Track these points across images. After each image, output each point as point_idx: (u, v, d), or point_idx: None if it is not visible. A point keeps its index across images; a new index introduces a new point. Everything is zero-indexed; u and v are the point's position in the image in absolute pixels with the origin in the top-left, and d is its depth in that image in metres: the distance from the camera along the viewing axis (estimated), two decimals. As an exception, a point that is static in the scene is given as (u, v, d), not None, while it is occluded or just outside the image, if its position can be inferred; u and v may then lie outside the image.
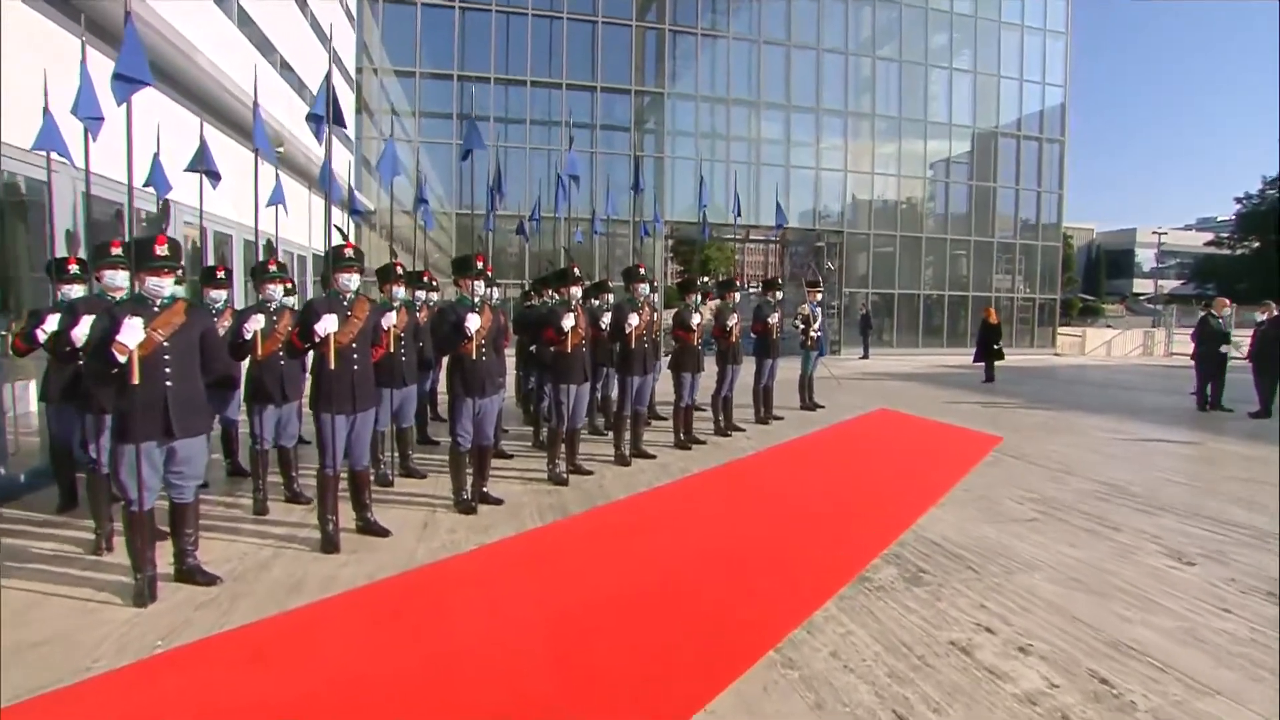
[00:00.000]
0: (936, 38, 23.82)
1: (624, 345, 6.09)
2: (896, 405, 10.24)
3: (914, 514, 4.81)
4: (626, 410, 6.21)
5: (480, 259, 4.65)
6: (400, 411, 5.57)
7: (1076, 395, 12.14)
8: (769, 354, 8.37)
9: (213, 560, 3.74)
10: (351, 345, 4.00)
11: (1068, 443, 7.49)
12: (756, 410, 8.50)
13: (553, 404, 5.52)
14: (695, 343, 6.87)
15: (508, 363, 6.34)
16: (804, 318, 9.46)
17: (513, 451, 6.60)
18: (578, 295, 5.47)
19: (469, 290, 4.63)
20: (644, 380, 6.27)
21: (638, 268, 6.07)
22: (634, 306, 6.03)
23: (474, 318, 4.46)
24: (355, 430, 4.09)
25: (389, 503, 4.92)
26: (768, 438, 7.59)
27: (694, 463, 6.32)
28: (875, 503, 5.16)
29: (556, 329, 5.26)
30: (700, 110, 22.32)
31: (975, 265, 24.26)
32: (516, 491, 5.29)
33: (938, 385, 13.40)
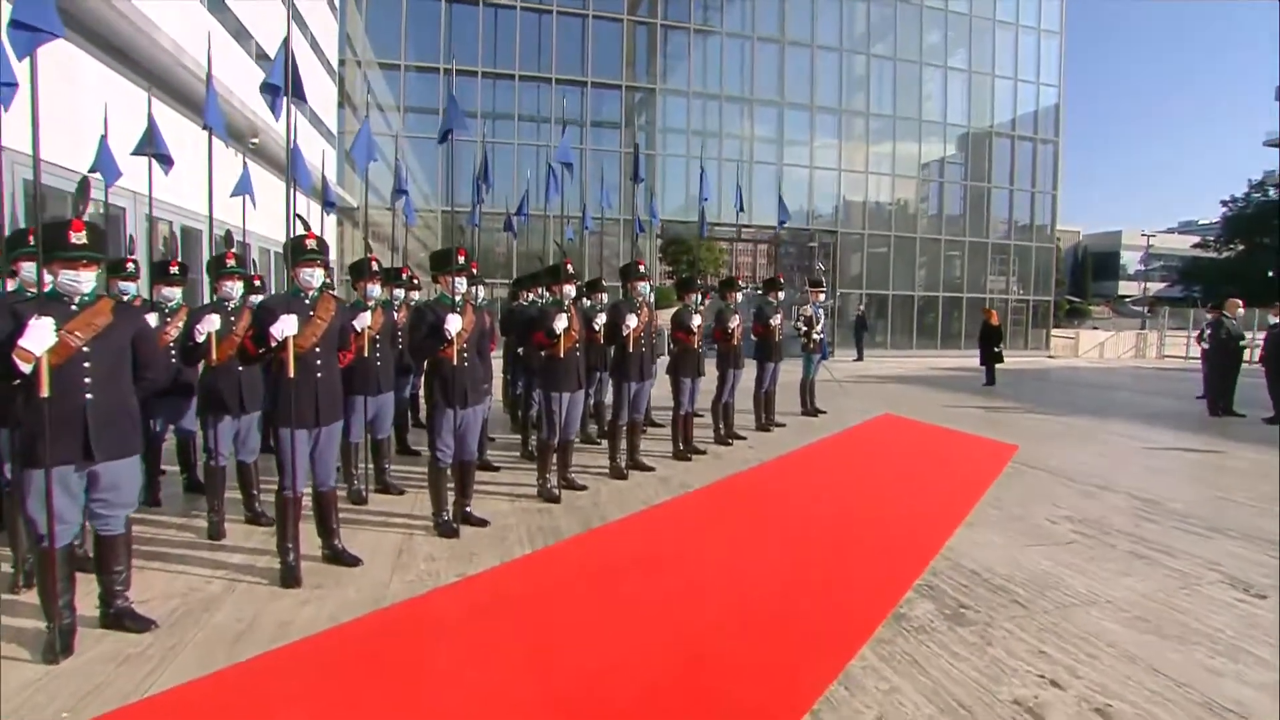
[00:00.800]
0: (931, 36, 23.54)
1: (621, 348, 5.63)
2: (899, 410, 9.84)
3: (941, 535, 4.38)
4: (623, 419, 5.73)
5: (462, 253, 4.16)
6: (376, 421, 5.07)
7: (1081, 399, 11.80)
8: (770, 357, 7.93)
9: (151, 599, 3.24)
10: (314, 350, 3.51)
11: (1088, 451, 7.10)
12: (757, 416, 8.06)
13: (543, 413, 5.04)
14: (696, 346, 6.42)
15: (494, 366, 5.87)
16: (806, 319, 9.03)
17: (500, 463, 6.11)
18: (571, 294, 4.99)
19: (449, 288, 4.14)
20: (642, 386, 5.81)
21: (637, 264, 5.61)
22: (632, 307, 5.56)
23: (455, 319, 3.97)
24: (319, 446, 3.59)
25: (361, 524, 4.43)
26: (770, 446, 7.15)
27: (694, 476, 5.86)
28: (896, 522, 4.72)
29: (548, 332, 4.78)
30: (692, 107, 21.90)
31: (969, 266, 24.00)
32: (504, 510, 4.80)
33: (938, 388, 13.03)
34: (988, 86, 24.01)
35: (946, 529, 4.50)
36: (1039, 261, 24.82)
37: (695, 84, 21.96)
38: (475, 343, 4.28)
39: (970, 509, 4.97)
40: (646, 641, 2.97)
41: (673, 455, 6.50)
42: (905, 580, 3.64)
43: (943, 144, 24.03)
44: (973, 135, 24.08)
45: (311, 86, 15.95)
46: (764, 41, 22.24)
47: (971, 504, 5.11)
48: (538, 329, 4.89)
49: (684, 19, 21.72)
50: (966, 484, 5.81)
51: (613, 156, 20.74)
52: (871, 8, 22.89)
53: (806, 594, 3.50)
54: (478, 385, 4.28)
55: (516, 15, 20.66)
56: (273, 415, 3.49)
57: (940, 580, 3.66)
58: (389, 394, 5.07)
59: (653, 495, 5.23)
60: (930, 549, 4.12)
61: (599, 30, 21.16)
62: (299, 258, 3.48)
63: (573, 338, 4.94)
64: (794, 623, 3.18)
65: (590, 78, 20.50)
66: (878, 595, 3.46)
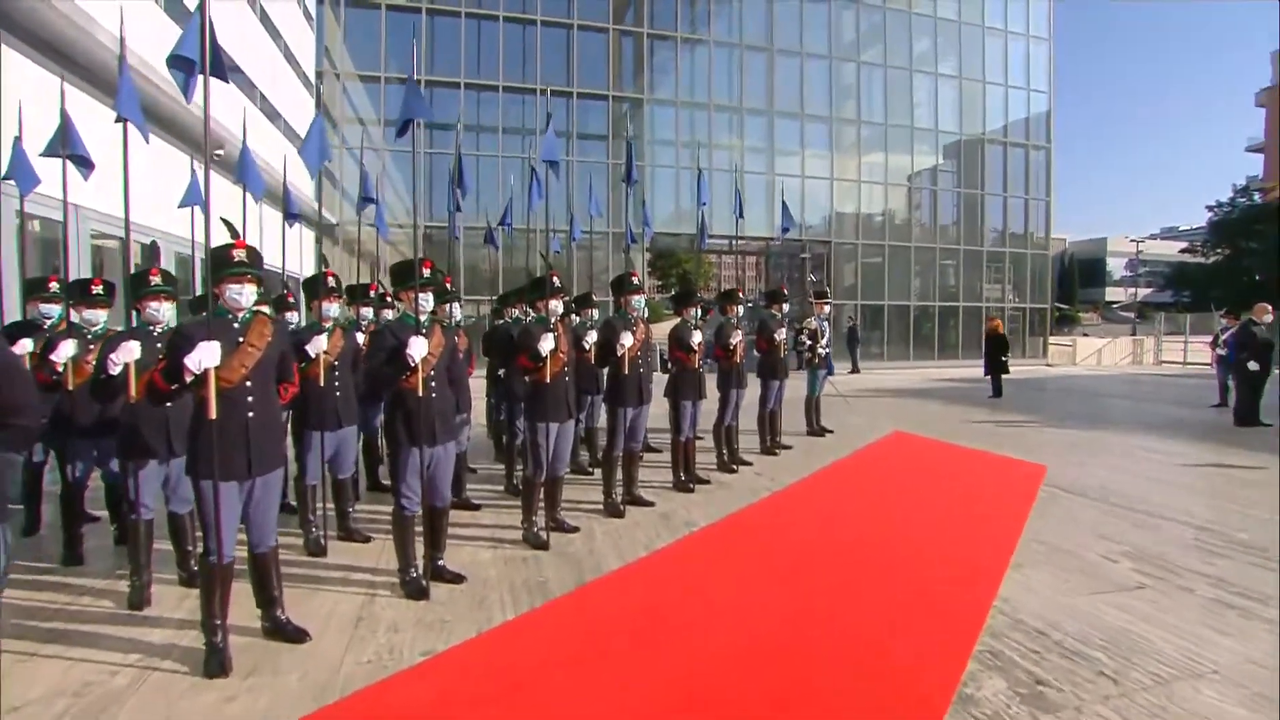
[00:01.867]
0: (920, 43, 23.30)
1: (615, 370, 5.03)
2: (907, 426, 9.29)
3: (990, 580, 3.79)
4: (618, 449, 5.12)
5: (428, 265, 3.56)
6: (336, 460, 4.44)
7: (1093, 409, 11.30)
8: (775, 374, 7.36)
9: (37, 698, 2.59)
10: (245, 384, 2.88)
11: (1120, 469, 6.55)
12: (762, 438, 7.46)
13: (528, 447, 4.42)
14: (697, 365, 5.83)
15: (478, 387, 5.27)
16: (810, 333, 8.48)
17: (482, 498, 5.48)
18: (558, 311, 4.40)
19: (413, 306, 3.53)
20: (639, 412, 5.20)
21: (630, 276, 5.02)
22: (627, 323, 4.97)
23: (418, 342, 3.36)
24: (255, 500, 2.97)
25: (317, 582, 3.79)
26: (779, 472, 6.56)
27: (699, 510, 5.25)
28: (934, 564, 4.13)
29: (532, 354, 4.18)
30: (680, 117, 21.47)
31: (964, 275, 23.63)
32: (484, 561, 4.17)
33: (943, 401, 12.50)
34: (978, 93, 23.77)
35: (994, 572, 3.92)
36: (1034, 268, 24.50)
37: (683, 94, 21.55)
38: (445, 369, 3.67)
39: (1014, 544, 4.39)
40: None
41: (673, 486, 5.89)
42: (963, 646, 3.04)
43: (935, 151, 23.73)
44: (964, 143, 23.80)
45: (285, 97, 15.39)
46: (752, 50, 21.90)
47: (1014, 538, 4.53)
48: (521, 351, 4.28)
49: (671, 28, 21.35)
50: (1001, 513, 5.24)
51: (600, 168, 20.23)
52: (860, 15, 22.63)
53: (846, 666, 2.89)
54: (448, 418, 3.67)
55: (499, 26, 20.21)
56: (189, 466, 2.85)
57: (1004, 644, 3.06)
58: (351, 428, 4.44)
59: (654, 537, 4.61)
60: (981, 600, 3.53)
61: (584, 40, 20.75)
62: (223, 271, 2.86)
63: (561, 360, 4.34)
64: (840, 704, 2.57)
65: (576, 88, 20.04)
66: (934, 667, 2.86)
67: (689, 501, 5.51)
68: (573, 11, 20.46)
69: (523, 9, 20.22)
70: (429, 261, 3.57)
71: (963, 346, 23.57)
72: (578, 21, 20.44)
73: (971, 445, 7.94)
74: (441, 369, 3.64)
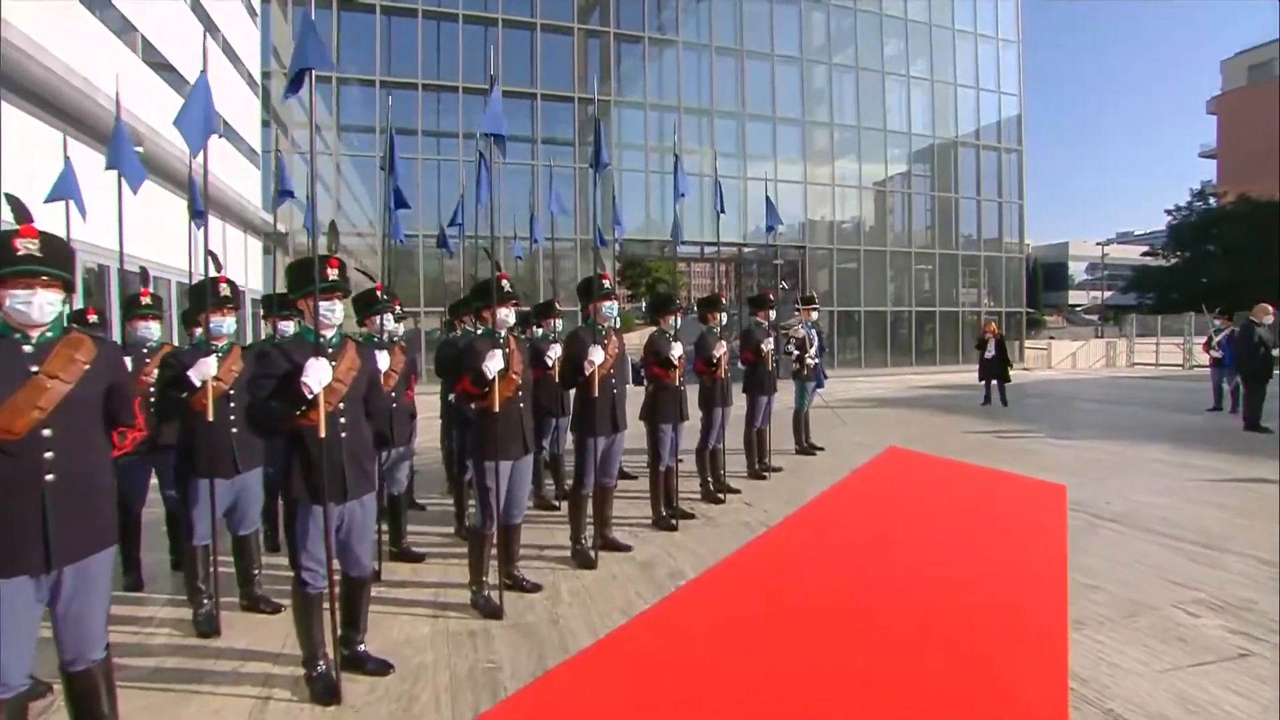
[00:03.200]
0: (891, 45, 23.00)
1: (583, 392, 4.20)
2: (901, 439, 8.61)
3: (1053, 648, 3.04)
4: (587, 486, 4.29)
5: (334, 264, 2.71)
6: (235, 513, 3.54)
7: (1090, 417, 10.77)
8: (763, 389, 6.60)
9: None
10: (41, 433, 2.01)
11: (1146, 488, 5.91)
12: (749, 461, 6.70)
13: (477, 492, 3.57)
14: (678, 382, 5.03)
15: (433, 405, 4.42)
16: (798, 342, 7.75)
17: (428, 545, 4.61)
18: (509, 321, 3.57)
19: (312, 318, 2.67)
20: (612, 441, 4.38)
21: (600, 278, 4.21)
22: (596, 335, 4.15)
23: (318, 366, 2.51)
24: (63, 602, 2.08)
25: (201, 677, 2.89)
26: (770, 499, 5.79)
27: (685, 553, 4.45)
28: (976, 620, 3.37)
29: (476, 376, 3.34)
30: (649, 120, 20.79)
31: (940, 279, 23.29)
32: (419, 639, 3.30)
33: (932, 410, 11.90)
34: (950, 96, 23.53)
35: (1053, 633, 3.17)
36: (1009, 272, 24.28)
37: (652, 96, 20.89)
38: (359, 400, 2.82)
39: (1064, 591, 3.66)
40: None
41: (653, 523, 5.08)
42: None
43: (907, 155, 23.41)
44: (937, 146, 23.53)
45: (227, 98, 14.31)
46: (722, 52, 21.34)
47: (1060, 582, 3.81)
48: (462, 372, 3.44)
49: (638, 29, 20.69)
50: (1034, 547, 4.53)
51: (564, 173, 19.43)
52: (831, 17, 22.24)
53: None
54: (364, 465, 2.81)
55: (459, 27, 19.34)
56: None
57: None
58: (253, 473, 3.54)
59: (633, 596, 3.79)
60: (1053, 680, 2.77)
61: (548, 42, 19.98)
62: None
63: (513, 383, 3.51)
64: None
65: (540, 89, 19.23)
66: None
67: (672, 543, 4.70)
68: (536, 11, 19.69)
69: (484, 8, 19.39)
70: (335, 260, 2.72)
71: (940, 351, 23.21)
72: (541, 21, 19.67)
73: (974, 461, 7.28)
74: (355, 401, 2.79)
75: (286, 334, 4.73)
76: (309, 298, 2.66)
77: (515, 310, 3.63)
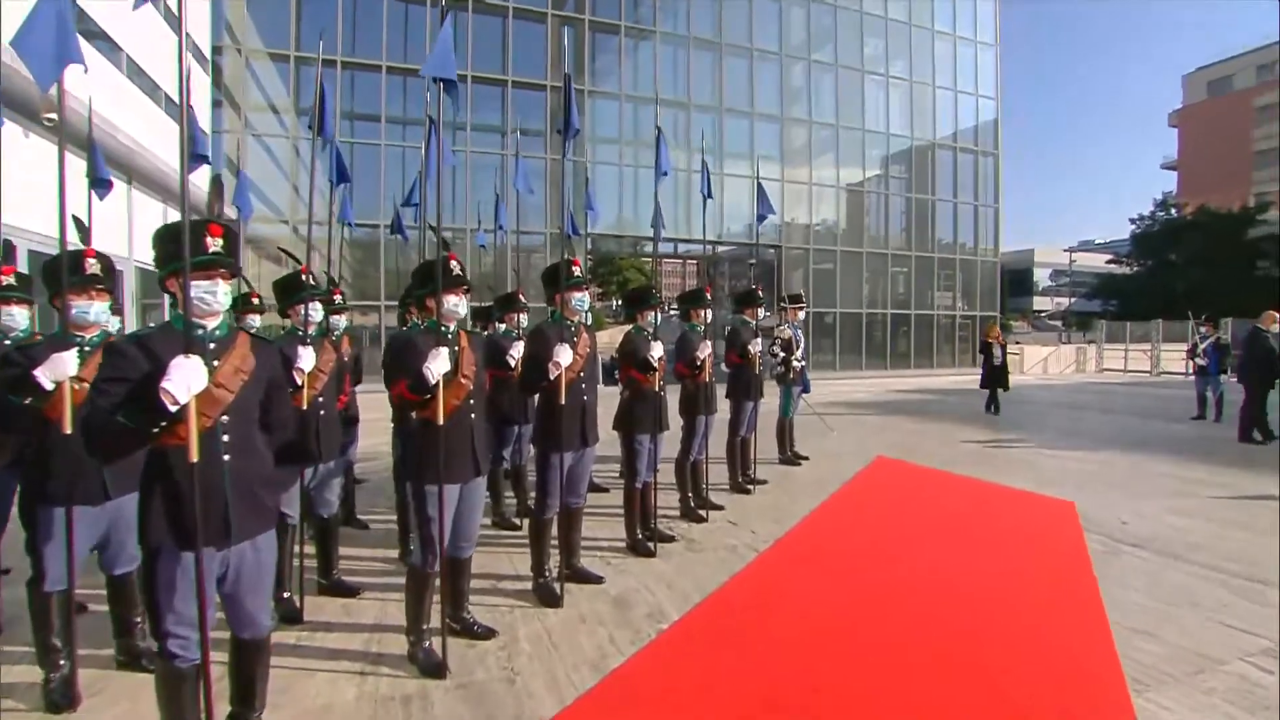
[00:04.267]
0: (871, 45, 22.71)
1: (548, 399, 3.57)
2: (888, 449, 8.13)
3: (1108, 703, 2.51)
4: (551, 510, 3.65)
5: (215, 230, 2.05)
6: (109, 549, 2.83)
7: (1076, 424, 10.44)
8: (749, 394, 6.04)
9: None
10: None
11: (1160, 506, 5.47)
12: (732, 473, 6.13)
13: (416, 522, 2.91)
14: (658, 387, 4.43)
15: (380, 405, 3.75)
16: (784, 343, 7.20)
17: (368, 575, 3.93)
18: (459, 312, 2.92)
19: (183, 303, 1.99)
20: (580, 457, 3.75)
21: (570, 264, 3.58)
22: (564, 332, 3.51)
23: (186, 369, 1.83)
24: None
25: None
26: (757, 518, 5.23)
27: (665, 586, 3.85)
28: (1018, 665, 2.82)
29: (414, 382, 2.69)
30: (624, 112, 20.16)
31: (915, 281, 23.08)
32: (343, 705, 2.65)
33: (914, 417, 11.48)
34: (928, 97, 23.33)
35: (1108, 686, 2.64)
36: (983, 276, 24.18)
37: (627, 88, 20.26)
38: (252, 412, 2.15)
39: (1108, 636, 3.14)
40: None
41: (628, 546, 4.47)
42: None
43: (885, 156, 23.15)
44: (915, 148, 23.31)
45: (169, 72, 13.32)
46: (701, 45, 20.80)
47: (1099, 619, 3.29)
48: (398, 375, 2.78)
49: (615, 17, 20.03)
50: (1053, 572, 4.04)
51: (536, 165, 18.70)
52: (811, 14, 21.84)
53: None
54: (255, 496, 2.14)
55: (426, 9, 18.47)
56: None
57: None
58: (128, 497, 2.84)
59: (605, 644, 3.17)
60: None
61: (521, 28, 19.20)
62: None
63: (462, 388, 2.87)
64: None
65: (511, 76, 18.46)
66: None
67: (650, 573, 4.09)
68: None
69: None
70: (216, 227, 2.05)
71: (914, 355, 23.00)
72: (514, 5, 18.90)
73: (968, 472, 6.81)
74: (244, 413, 2.11)
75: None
76: (178, 275, 1.99)
77: (467, 299, 2.97)
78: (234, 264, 2.10)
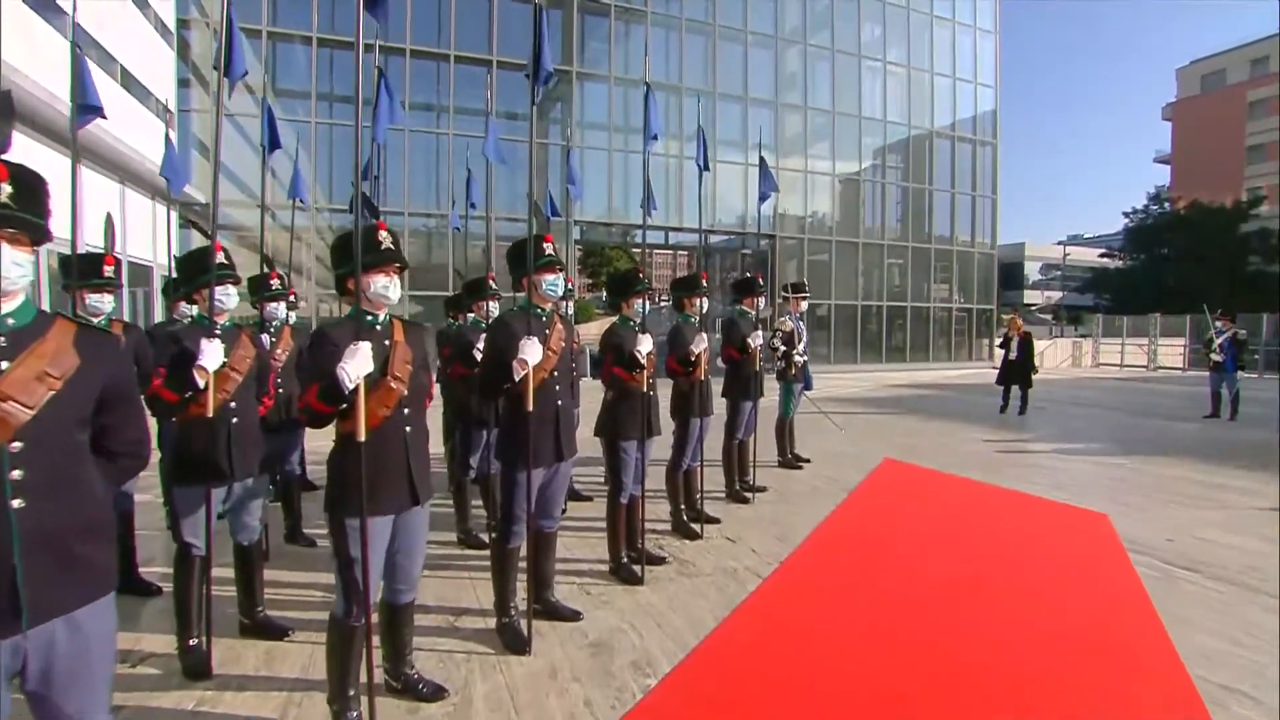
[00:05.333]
0: (868, 29, 22.07)
1: (514, 405, 2.94)
2: (893, 450, 7.58)
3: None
4: (515, 539, 3.03)
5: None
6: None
7: (1086, 424, 9.93)
8: (747, 393, 5.45)
9: None
10: None
11: (1202, 520, 4.93)
12: (729, 480, 5.55)
13: (335, 563, 2.29)
14: (646, 387, 3.81)
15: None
16: (785, 336, 6.61)
17: (304, 608, 3.31)
18: (390, 296, 2.28)
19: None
20: (553, 475, 3.12)
21: (541, 240, 2.95)
22: (534, 323, 2.89)
23: None
24: None
25: None
26: (757, 533, 4.65)
27: (654, 625, 3.25)
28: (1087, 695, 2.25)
29: (326, 390, 2.06)
30: (614, 96, 19.44)
31: (912, 273, 22.54)
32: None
33: (916, 414, 10.95)
34: (926, 85, 22.73)
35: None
36: (980, 268, 23.68)
37: (617, 70, 19.53)
38: (59, 437, 1.52)
39: (1191, 691, 2.58)
40: None
41: (611, 571, 3.87)
42: None
43: (882, 144, 22.55)
44: (912, 136, 22.73)
45: (130, 47, 12.52)
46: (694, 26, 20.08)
47: (1175, 663, 2.73)
48: (308, 381, 2.16)
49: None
50: (1100, 590, 3.49)
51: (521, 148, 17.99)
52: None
53: None
54: (68, 553, 1.51)
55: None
56: None
57: None
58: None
59: (580, 707, 2.56)
60: None
61: (506, 5, 18.39)
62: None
63: (393, 394, 2.24)
64: None
65: (495, 56, 17.69)
66: None
67: (637, 605, 3.49)
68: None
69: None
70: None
71: (910, 349, 22.51)
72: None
73: (978, 475, 6.27)
74: (53, 437, 1.48)
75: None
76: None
77: (398, 279, 2.32)
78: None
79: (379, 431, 2.19)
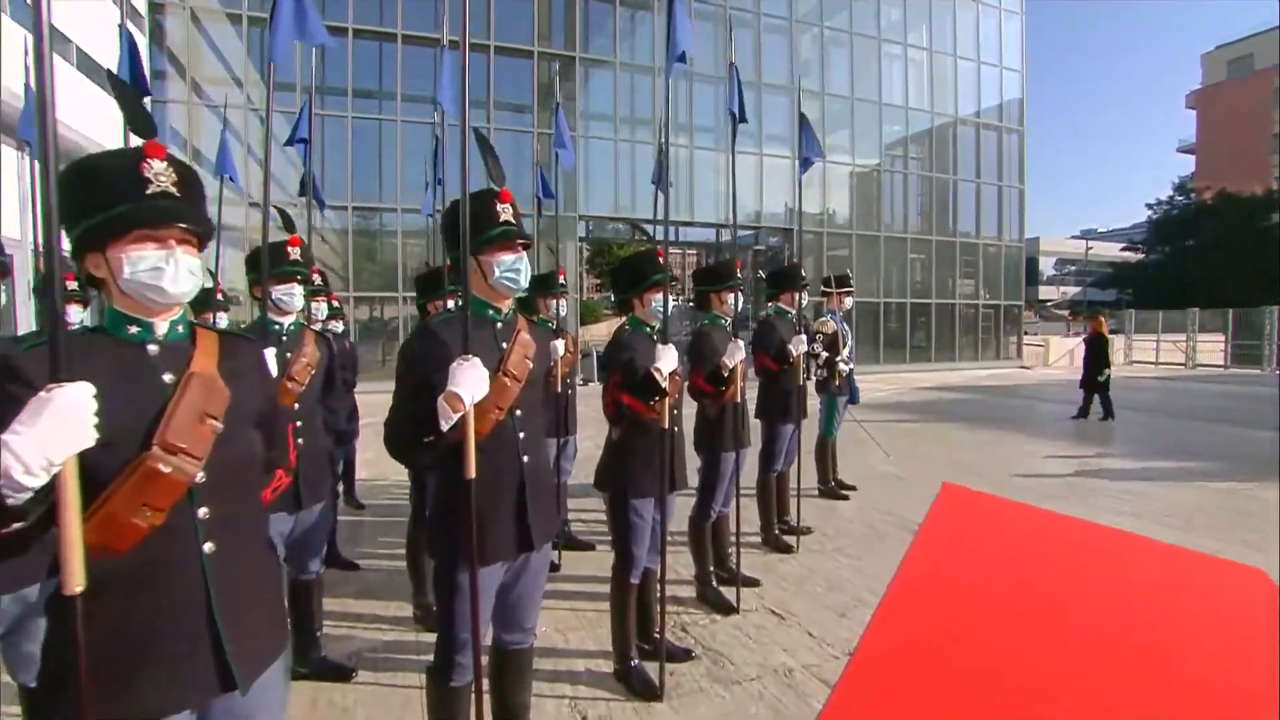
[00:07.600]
0: (888, 12, 20.86)
1: (450, 470, 1.82)
2: (950, 472, 6.46)
3: None
4: (458, 675, 1.90)
5: None
6: None
7: (1152, 434, 8.75)
8: (787, 414, 4.32)
9: None
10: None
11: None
12: (765, 521, 4.42)
13: None
14: (666, 422, 2.68)
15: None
16: (827, 340, 5.48)
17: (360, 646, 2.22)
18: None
19: None
20: (523, 569, 2.00)
21: (497, 198, 1.82)
22: (486, 335, 1.79)
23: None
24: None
25: None
26: (809, 603, 3.54)
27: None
28: None
29: None
30: (620, 83, 18.33)
31: (936, 268, 21.31)
32: None
33: (962, 423, 9.77)
34: (950, 70, 21.47)
35: None
36: (1008, 262, 22.39)
37: (624, 55, 18.42)
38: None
39: None
40: None
41: (616, 676, 2.76)
42: None
43: (904, 132, 21.33)
44: (935, 124, 21.49)
45: (95, 32, 11.53)
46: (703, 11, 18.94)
47: None
48: None
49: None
50: None
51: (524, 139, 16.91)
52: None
53: None
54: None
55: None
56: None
57: None
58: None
59: None
60: None
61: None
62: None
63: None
64: None
65: (494, 41, 16.60)
66: None
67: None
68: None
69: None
70: None
71: (935, 348, 21.28)
72: (496, -36, 17.01)
73: (1060, 507, 5.11)
74: None
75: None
76: None
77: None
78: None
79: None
